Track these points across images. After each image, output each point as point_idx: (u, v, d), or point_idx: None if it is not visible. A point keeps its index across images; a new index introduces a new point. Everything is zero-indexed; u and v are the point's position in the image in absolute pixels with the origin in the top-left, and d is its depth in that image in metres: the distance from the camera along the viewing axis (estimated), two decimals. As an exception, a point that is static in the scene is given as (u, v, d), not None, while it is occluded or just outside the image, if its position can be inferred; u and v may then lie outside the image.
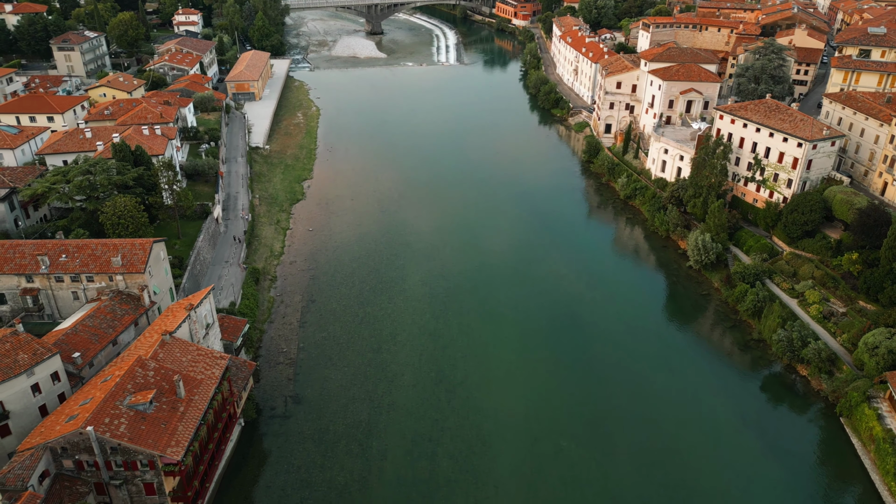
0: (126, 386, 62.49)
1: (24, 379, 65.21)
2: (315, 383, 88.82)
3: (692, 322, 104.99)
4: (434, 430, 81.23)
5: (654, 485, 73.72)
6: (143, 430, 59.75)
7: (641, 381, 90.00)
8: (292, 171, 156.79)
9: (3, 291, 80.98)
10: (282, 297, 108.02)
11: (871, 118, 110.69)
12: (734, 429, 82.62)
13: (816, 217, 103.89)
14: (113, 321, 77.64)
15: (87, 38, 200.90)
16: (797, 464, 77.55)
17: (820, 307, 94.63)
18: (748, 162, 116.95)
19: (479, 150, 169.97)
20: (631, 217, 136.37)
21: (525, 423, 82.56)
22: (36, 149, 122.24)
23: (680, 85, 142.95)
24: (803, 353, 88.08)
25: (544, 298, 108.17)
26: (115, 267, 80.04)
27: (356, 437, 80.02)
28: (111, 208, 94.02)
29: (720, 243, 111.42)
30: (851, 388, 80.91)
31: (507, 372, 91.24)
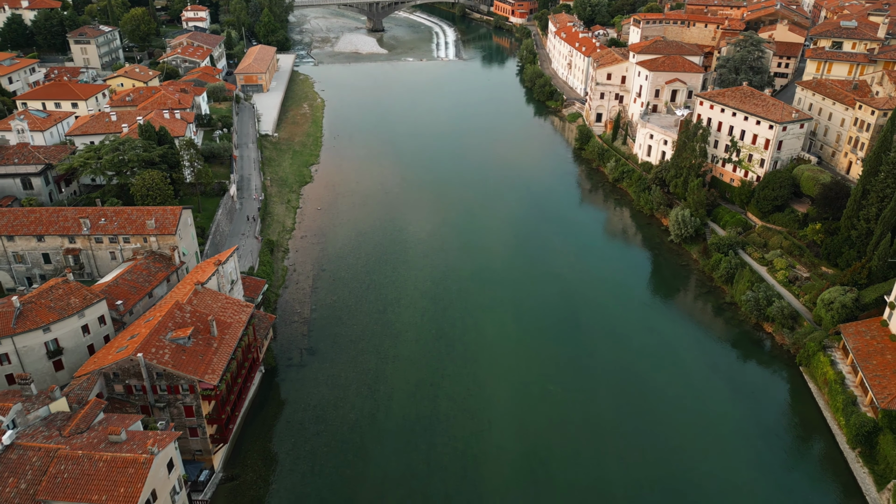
0: (167, 324, 71.63)
1: (76, 320, 74.41)
2: (327, 338, 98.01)
3: (672, 289, 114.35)
4: (434, 376, 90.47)
5: (630, 421, 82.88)
6: (184, 359, 68.93)
7: (623, 338, 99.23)
8: (300, 156, 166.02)
9: (47, 251, 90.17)
10: (294, 266, 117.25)
11: (838, 103, 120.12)
12: (705, 377, 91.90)
13: (785, 193, 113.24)
14: (148, 276, 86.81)
15: (102, 32, 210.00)
16: (761, 406, 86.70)
17: (786, 273, 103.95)
18: (725, 144, 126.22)
19: (477, 138, 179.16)
20: (618, 198, 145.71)
21: (516, 371, 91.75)
22: (63, 132, 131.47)
23: (665, 75, 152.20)
24: (768, 312, 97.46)
25: (537, 269, 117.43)
26: (149, 229, 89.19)
27: (365, 382, 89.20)
28: (140, 181, 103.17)
29: (699, 218, 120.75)
30: (809, 340, 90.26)
31: (500, 330, 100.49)
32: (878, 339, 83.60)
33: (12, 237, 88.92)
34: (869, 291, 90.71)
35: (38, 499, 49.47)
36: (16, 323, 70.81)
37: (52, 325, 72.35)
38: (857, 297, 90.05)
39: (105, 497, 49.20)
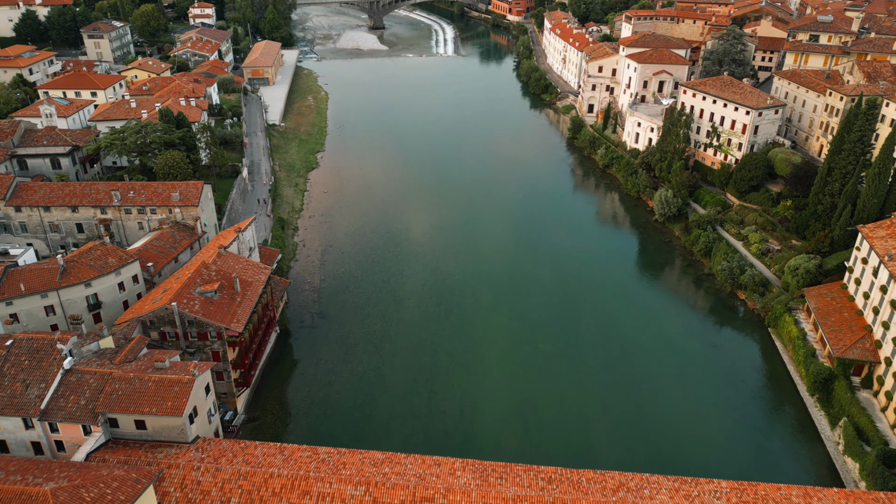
0: (196, 280, 79.99)
1: (113, 277, 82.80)
2: (336, 305, 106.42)
3: (655, 263, 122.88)
4: (434, 336, 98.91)
5: (612, 374, 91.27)
6: (212, 309, 77.31)
7: (609, 306, 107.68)
8: (306, 144, 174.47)
9: (81, 221, 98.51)
10: (304, 242, 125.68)
11: (811, 91, 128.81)
12: (682, 338, 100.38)
13: (760, 173, 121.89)
14: (173, 244, 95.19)
15: (114, 28, 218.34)
16: (732, 362, 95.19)
17: (759, 246, 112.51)
18: (707, 130, 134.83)
19: (475, 129, 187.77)
20: (608, 183, 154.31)
21: (510, 332, 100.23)
22: (84, 118, 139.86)
23: (653, 67, 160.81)
24: (741, 280, 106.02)
25: (530, 244, 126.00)
26: (174, 201, 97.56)
27: (372, 341, 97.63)
28: (163, 160, 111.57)
29: (681, 199, 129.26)
30: (776, 303, 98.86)
31: (495, 298, 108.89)
32: (837, 300, 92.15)
33: (49, 208, 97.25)
34: (831, 259, 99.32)
35: (97, 411, 57.83)
36: (60, 278, 79.18)
37: (93, 281, 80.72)
38: (821, 263, 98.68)
39: (155, 409, 57.57)
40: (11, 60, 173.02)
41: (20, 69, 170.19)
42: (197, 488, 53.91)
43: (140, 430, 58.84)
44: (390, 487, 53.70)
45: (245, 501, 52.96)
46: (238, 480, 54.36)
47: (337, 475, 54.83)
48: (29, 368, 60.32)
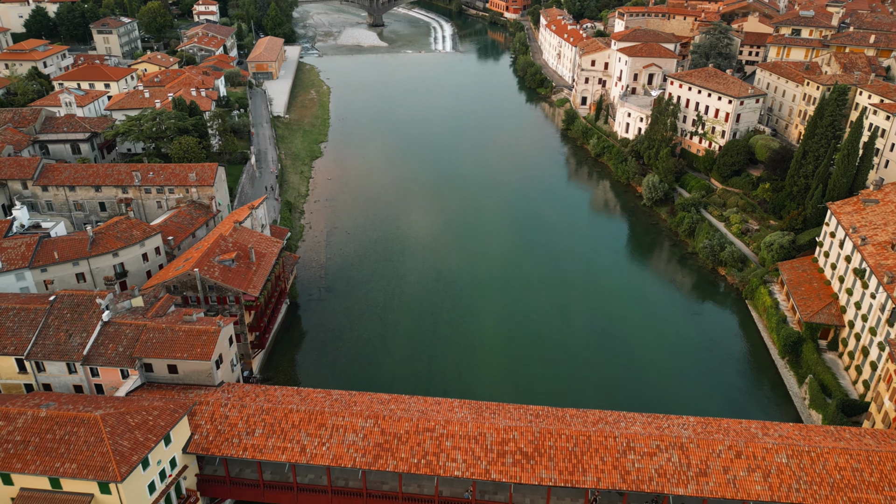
0: (214, 250, 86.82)
1: (138, 248, 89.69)
2: (342, 280, 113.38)
3: (642, 243, 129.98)
4: (434, 307, 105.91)
5: (599, 339, 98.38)
6: (230, 276, 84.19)
7: (598, 282, 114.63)
8: (310, 135, 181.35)
9: (103, 200, 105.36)
10: (310, 224, 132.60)
11: (790, 81, 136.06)
12: (665, 310, 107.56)
13: (742, 159, 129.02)
14: (191, 220, 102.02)
15: (122, 23, 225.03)
16: (710, 330, 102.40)
17: (740, 226, 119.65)
18: (692, 119, 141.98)
19: (473, 121, 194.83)
20: (599, 170, 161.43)
21: (504, 304, 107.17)
22: (98, 108, 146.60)
23: (643, 60, 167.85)
24: (722, 256, 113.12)
25: (525, 226, 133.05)
26: (191, 181, 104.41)
27: (376, 312, 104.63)
28: (177, 145, 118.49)
29: (667, 184, 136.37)
30: (753, 276, 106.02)
31: (491, 273, 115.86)
32: (808, 272, 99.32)
33: (74, 187, 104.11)
34: (804, 235, 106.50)
35: (134, 356, 64.74)
36: (90, 248, 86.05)
37: (120, 251, 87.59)
38: (794, 239, 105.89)
39: (186, 354, 64.48)
40: (27, 54, 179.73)
41: (35, 62, 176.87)
42: (225, 421, 60.85)
43: (172, 375, 65.77)
44: (396, 420, 60.65)
45: (268, 432, 59.89)
46: (261, 415, 61.29)
47: (349, 410, 61.80)
48: (71, 320, 67.22)
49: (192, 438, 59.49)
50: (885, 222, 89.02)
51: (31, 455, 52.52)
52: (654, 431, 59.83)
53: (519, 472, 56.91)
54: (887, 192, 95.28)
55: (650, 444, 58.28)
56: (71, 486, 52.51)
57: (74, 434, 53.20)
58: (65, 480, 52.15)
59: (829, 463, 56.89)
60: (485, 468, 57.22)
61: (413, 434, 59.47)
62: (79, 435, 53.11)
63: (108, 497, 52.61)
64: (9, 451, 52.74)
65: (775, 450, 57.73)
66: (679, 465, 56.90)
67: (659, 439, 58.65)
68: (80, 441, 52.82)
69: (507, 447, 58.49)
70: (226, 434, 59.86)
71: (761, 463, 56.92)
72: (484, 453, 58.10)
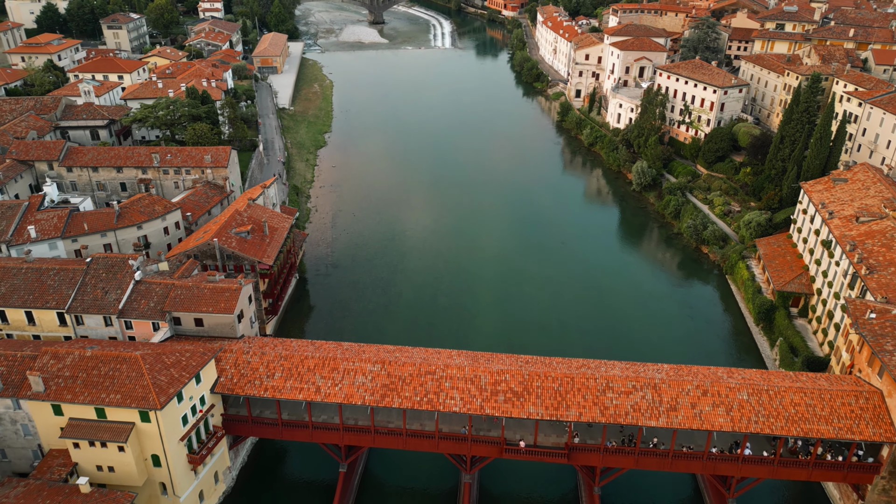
0: (231, 223, 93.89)
1: (160, 222, 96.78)
2: (347, 257, 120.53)
3: (630, 224, 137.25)
4: (434, 281, 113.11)
5: (587, 308, 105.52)
6: (246, 246, 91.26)
7: (588, 259, 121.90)
8: (315, 126, 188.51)
9: (124, 181, 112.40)
10: (316, 207, 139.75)
11: (772, 72, 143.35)
12: (651, 284, 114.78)
13: (725, 145, 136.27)
14: (206, 199, 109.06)
15: (131, 19, 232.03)
16: (692, 301, 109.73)
17: (722, 208, 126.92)
18: (680, 108, 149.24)
19: (471, 114, 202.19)
20: (592, 159, 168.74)
21: (500, 279, 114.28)
22: (113, 98, 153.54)
23: (634, 54, 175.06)
24: (705, 235, 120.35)
25: (520, 210, 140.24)
26: (206, 162, 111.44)
27: (380, 285, 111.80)
28: (192, 131, 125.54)
29: (655, 170, 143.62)
30: (732, 252, 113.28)
31: (488, 251, 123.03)
32: (782, 247, 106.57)
33: (97, 168, 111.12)
34: (780, 214, 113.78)
35: (164, 310, 71.84)
36: (117, 220, 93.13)
37: (143, 224, 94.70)
38: (770, 217, 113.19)
39: (211, 308, 71.58)
40: (42, 47, 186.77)
41: (50, 55, 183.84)
42: (247, 366, 67.94)
43: (198, 328, 72.83)
44: (400, 365, 67.74)
45: (286, 375, 66.96)
46: (280, 361, 68.35)
47: (358, 357, 68.89)
48: (106, 279, 74.27)
49: (219, 380, 66.58)
50: (852, 199, 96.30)
51: (79, 388, 59.62)
52: (631, 374, 66.99)
53: (510, 408, 64.04)
54: (856, 172, 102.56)
55: (627, 385, 65.43)
56: (115, 416, 59.60)
57: (117, 370, 60.30)
58: (109, 410, 59.23)
59: (786, 399, 64.06)
60: (479, 405, 64.34)
61: (416, 376, 66.58)
62: (121, 371, 60.22)
63: (148, 425, 59.71)
64: (59, 385, 59.83)
65: (738, 388, 64.90)
66: (652, 402, 64.05)
67: (635, 380, 65.81)
68: (123, 376, 59.92)
69: (500, 387, 65.63)
70: (248, 377, 66.95)
71: (725, 399, 64.08)
72: (479, 392, 65.23)
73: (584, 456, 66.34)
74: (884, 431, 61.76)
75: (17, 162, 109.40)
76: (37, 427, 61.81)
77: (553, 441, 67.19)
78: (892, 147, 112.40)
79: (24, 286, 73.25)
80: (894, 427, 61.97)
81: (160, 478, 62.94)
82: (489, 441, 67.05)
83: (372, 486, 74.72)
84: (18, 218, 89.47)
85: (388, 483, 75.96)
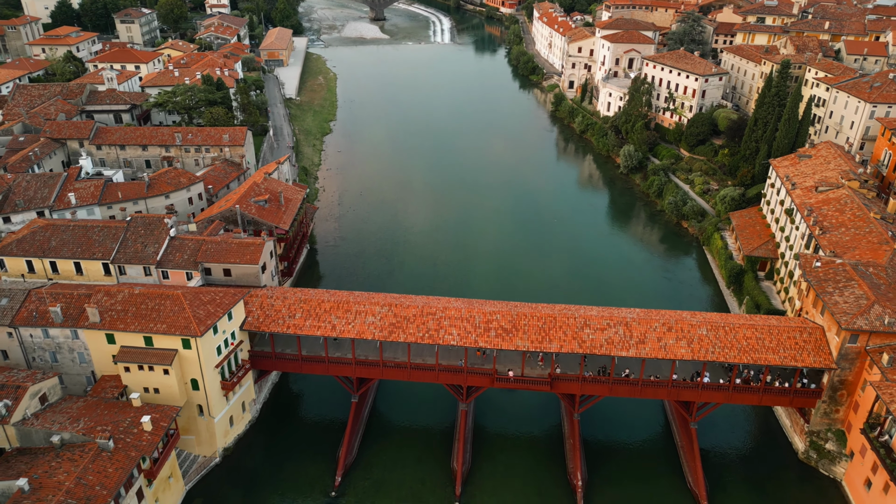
0: (250, 193, 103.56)
1: (185, 192, 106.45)
2: (353, 231, 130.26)
3: (617, 203, 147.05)
4: (434, 252, 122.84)
5: (575, 275, 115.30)
6: (264, 213, 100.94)
7: (577, 234, 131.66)
8: (320, 114, 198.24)
9: (149, 158, 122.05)
10: (323, 187, 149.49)
11: (750, 61, 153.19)
12: (634, 254, 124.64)
13: (706, 130, 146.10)
14: (225, 174, 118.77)
15: (143, 14, 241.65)
16: (671, 268, 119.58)
17: (702, 186, 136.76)
18: (665, 96, 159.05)
19: (470, 105, 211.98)
20: (583, 145, 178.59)
21: (496, 251, 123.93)
22: (132, 86, 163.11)
23: (624, 46, 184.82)
24: (684, 210, 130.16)
25: (514, 189, 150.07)
26: (224, 141, 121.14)
27: (383, 255, 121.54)
28: (209, 115, 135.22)
29: (641, 153, 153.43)
30: (708, 224, 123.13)
31: (484, 228, 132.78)
32: (753, 219, 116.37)
33: (124, 146, 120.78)
34: (752, 189, 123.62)
35: (197, 261, 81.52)
36: (147, 190, 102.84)
37: (171, 194, 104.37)
38: (744, 192, 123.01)
39: (238, 259, 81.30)
40: (62, 39, 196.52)
41: (69, 46, 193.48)
42: (271, 308, 77.64)
43: (226, 277, 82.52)
44: (406, 307, 77.41)
45: (305, 315, 76.61)
46: (300, 304, 77.99)
47: (369, 301, 78.56)
48: (145, 235, 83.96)
49: (246, 319, 76.30)
50: (814, 172, 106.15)
51: (129, 319, 69.33)
52: (606, 315, 76.73)
53: (500, 342, 73.77)
54: (819, 149, 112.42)
55: (602, 323, 75.19)
56: (160, 343, 69.31)
57: (162, 305, 70.03)
58: (156, 338, 68.94)
59: (739, 334, 73.85)
60: (474, 339, 74.07)
61: (419, 316, 76.30)
62: (165, 306, 69.94)
63: (188, 352, 69.43)
64: (113, 317, 69.53)
65: (698, 325, 74.68)
66: (624, 336, 73.81)
67: (609, 319, 75.59)
68: (167, 310, 69.65)
69: (492, 325, 75.36)
70: (272, 317, 76.66)
71: (686, 334, 73.84)
72: (473, 329, 74.97)
73: (565, 385, 76.12)
74: (823, 360, 71.64)
75: (51, 140, 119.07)
76: (91, 354, 71.52)
77: (538, 373, 76.94)
78: (855, 127, 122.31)
79: (73, 241, 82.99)
80: (832, 356, 71.85)
81: (198, 400, 72.72)
82: (482, 373, 76.82)
83: (380, 417, 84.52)
84: (59, 186, 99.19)
85: (394, 414, 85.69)
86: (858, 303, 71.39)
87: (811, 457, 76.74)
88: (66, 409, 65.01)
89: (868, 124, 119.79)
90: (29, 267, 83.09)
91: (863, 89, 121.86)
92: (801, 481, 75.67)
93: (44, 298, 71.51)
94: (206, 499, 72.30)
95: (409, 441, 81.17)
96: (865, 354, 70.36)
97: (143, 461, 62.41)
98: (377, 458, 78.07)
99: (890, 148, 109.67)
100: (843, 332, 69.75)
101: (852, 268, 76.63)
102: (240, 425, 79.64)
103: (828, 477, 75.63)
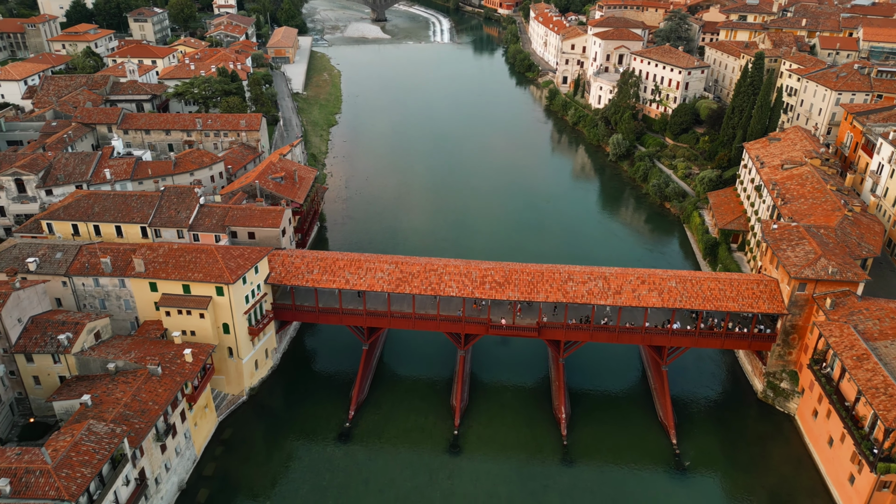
0: (268, 171, 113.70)
1: (207, 170, 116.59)
2: (360, 211, 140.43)
3: (606, 187, 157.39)
4: (436, 229, 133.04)
5: (566, 248, 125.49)
6: (281, 188, 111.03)
7: (568, 214, 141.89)
8: (326, 108, 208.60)
9: (171, 142, 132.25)
10: (331, 172, 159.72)
11: (730, 56, 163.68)
12: (620, 232, 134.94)
13: (688, 119, 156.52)
14: (242, 157, 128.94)
15: (155, 13, 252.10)
16: (653, 244, 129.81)
17: (684, 171, 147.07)
18: (651, 89, 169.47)
19: (468, 100, 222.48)
20: (575, 136, 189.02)
21: (492, 229, 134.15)
22: (150, 79, 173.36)
23: (614, 43, 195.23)
24: (666, 192, 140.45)
25: (510, 174, 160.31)
26: (241, 126, 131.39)
27: (388, 232, 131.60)
28: (225, 103, 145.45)
29: (629, 141, 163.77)
30: (688, 204, 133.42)
31: (481, 209, 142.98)
32: (729, 198, 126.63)
33: (149, 131, 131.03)
34: (728, 171, 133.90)
35: (225, 224, 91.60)
36: (174, 168, 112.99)
37: (195, 171, 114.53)
38: (721, 174, 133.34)
39: (261, 223, 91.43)
40: (81, 35, 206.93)
41: (88, 43, 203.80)
42: (291, 265, 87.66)
43: (251, 239, 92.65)
44: (411, 265, 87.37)
45: (322, 271, 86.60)
46: (317, 262, 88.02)
47: (378, 260, 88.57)
48: (177, 203, 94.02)
49: (270, 274, 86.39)
50: (781, 153, 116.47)
51: (170, 269, 79.39)
52: (587, 271, 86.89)
53: (494, 293, 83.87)
54: (788, 133, 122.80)
55: (583, 276, 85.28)
56: (197, 291, 79.36)
57: (198, 258, 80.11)
58: (193, 286, 79.00)
59: (704, 286, 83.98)
60: (471, 290, 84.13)
61: (423, 272, 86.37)
62: (201, 259, 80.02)
63: (222, 298, 79.50)
64: (155, 268, 79.59)
65: (668, 279, 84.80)
66: (602, 288, 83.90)
67: (589, 273, 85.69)
68: (202, 262, 79.72)
69: (487, 279, 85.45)
70: (293, 272, 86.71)
71: (658, 286, 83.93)
72: (470, 282, 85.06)
73: (551, 332, 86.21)
74: (776, 306, 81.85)
75: (82, 125, 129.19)
76: (136, 302, 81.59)
77: (527, 322, 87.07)
78: (822, 113, 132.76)
79: (114, 207, 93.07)
80: (784, 304, 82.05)
81: (228, 343, 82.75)
82: (478, 322, 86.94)
83: (387, 367, 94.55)
84: (95, 163, 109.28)
85: (400, 364, 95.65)
86: (807, 257, 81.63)
87: (768, 395, 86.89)
88: (118, 345, 75.06)
89: (834, 111, 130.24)
90: (74, 230, 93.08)
91: (830, 79, 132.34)
92: (760, 416, 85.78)
93: (95, 252, 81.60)
94: (235, 429, 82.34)
95: (413, 385, 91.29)
96: (813, 301, 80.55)
97: (186, 386, 72.44)
98: (385, 398, 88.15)
99: (852, 131, 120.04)
100: (793, 280, 79.98)
101: (805, 229, 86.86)
102: (263, 369, 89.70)
103: (783, 413, 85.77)
